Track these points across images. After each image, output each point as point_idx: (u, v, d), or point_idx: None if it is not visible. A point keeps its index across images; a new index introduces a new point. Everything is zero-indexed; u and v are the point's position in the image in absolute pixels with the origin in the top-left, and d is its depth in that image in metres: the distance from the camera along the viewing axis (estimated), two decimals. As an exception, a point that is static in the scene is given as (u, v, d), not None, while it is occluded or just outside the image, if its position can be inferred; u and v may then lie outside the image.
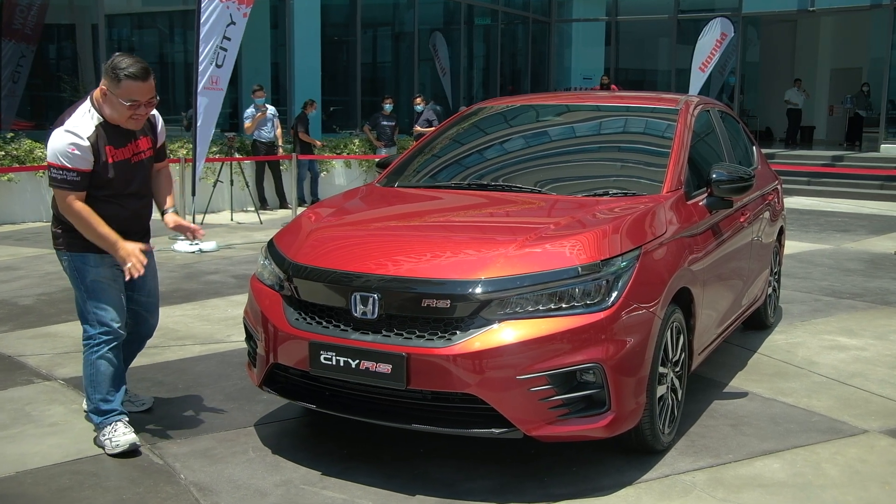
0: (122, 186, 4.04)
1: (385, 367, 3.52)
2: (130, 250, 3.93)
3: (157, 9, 18.23)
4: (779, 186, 6.55)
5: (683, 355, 4.22)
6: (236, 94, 16.70)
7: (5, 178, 11.29)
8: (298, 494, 3.60)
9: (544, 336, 3.44)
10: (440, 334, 3.50)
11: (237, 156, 13.22)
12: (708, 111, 5.40)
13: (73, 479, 3.72)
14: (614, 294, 3.57)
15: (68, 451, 4.03)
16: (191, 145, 10.41)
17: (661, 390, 3.93)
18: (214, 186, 12.48)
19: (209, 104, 10.04)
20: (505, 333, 3.44)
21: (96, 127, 3.92)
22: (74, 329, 4.29)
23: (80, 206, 3.91)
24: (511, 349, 3.42)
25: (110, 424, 4.04)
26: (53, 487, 3.65)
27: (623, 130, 5.11)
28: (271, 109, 13.48)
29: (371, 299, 3.57)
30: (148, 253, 4.16)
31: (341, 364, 3.61)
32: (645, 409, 3.78)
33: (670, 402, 4.07)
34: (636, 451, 3.99)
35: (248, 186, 12.88)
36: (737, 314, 5.30)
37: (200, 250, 9.61)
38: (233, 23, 10.10)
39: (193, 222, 10.28)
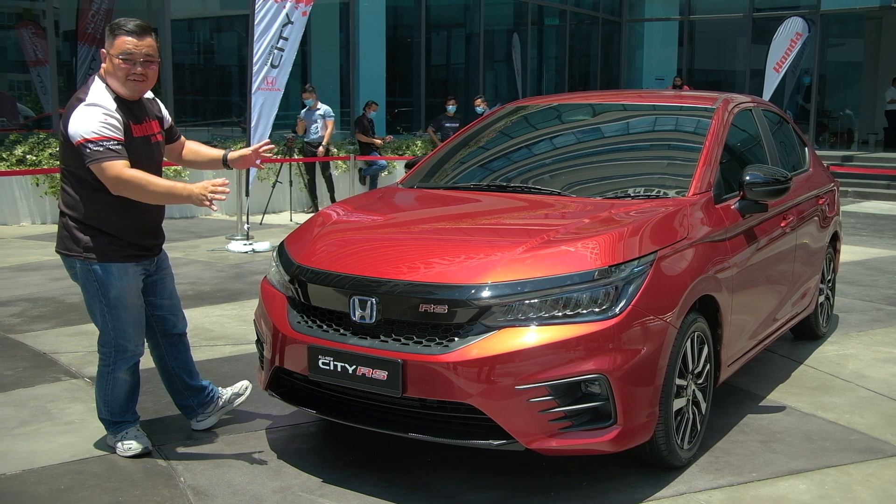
0: (148, 166, 3.81)
1: (381, 374, 3.41)
2: (202, 185, 3.62)
3: (223, 13, 18.50)
4: (835, 189, 6.23)
5: (708, 366, 4.00)
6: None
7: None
8: (294, 502, 3.52)
9: (545, 345, 3.28)
10: (438, 341, 3.38)
11: (296, 156, 13.28)
12: (750, 110, 5.14)
13: (74, 480, 3.71)
14: (622, 301, 3.39)
15: (77, 450, 4.03)
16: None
17: (678, 403, 3.73)
18: (273, 187, 12.56)
19: (264, 104, 10.09)
20: (504, 341, 3.30)
21: (115, 100, 3.71)
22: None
23: (132, 172, 3.63)
24: (509, 358, 3.27)
25: (122, 431, 4.01)
26: (54, 487, 3.64)
27: (654, 131, 4.90)
28: (322, 110, 13.31)
29: (369, 303, 3.47)
30: (163, 256, 4.10)
31: (339, 369, 3.51)
32: (659, 423, 3.58)
33: (691, 415, 3.86)
34: (652, 467, 3.79)
35: (306, 187, 12.94)
36: (779, 324, 5.04)
37: (253, 250, 9.65)
38: (290, 22, 10.10)
39: (248, 222, 10.45)
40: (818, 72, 21.31)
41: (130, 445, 3.95)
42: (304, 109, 13.23)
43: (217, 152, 4.20)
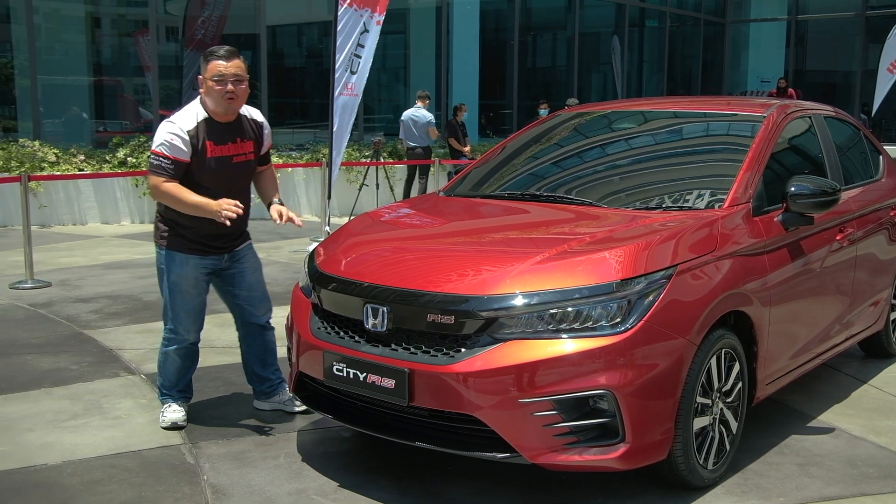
0: (220, 183, 4.20)
1: (389, 382, 3.43)
2: (220, 202, 4.03)
3: (315, 19, 18.90)
4: (912, 199, 5.90)
5: (740, 385, 3.87)
6: (404, 98, 17.12)
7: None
8: (307, 505, 3.59)
9: (550, 359, 3.24)
10: (445, 351, 3.38)
11: (383, 160, 13.45)
12: (808, 118, 4.94)
13: (106, 473, 3.87)
14: (634, 316, 3.32)
15: (117, 444, 4.21)
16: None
17: (701, 422, 3.62)
18: (360, 189, 12.76)
19: (344, 109, 10.28)
20: (508, 353, 3.27)
21: (199, 122, 4.14)
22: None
23: (169, 185, 4.09)
24: (513, 370, 3.24)
25: (166, 403, 4.50)
26: (86, 479, 3.81)
27: (700, 140, 4.76)
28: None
29: (381, 312, 3.50)
30: (247, 248, 4.43)
31: (351, 376, 3.56)
32: (676, 442, 3.48)
33: (717, 435, 3.74)
34: (674, 487, 3.69)
35: (392, 190, 13.09)
36: (837, 340, 4.82)
37: (332, 252, 9.81)
38: (366, 30, 10.29)
39: (329, 224, 10.65)
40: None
41: (164, 418, 4.42)
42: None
43: (270, 194, 4.48)
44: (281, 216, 4.30)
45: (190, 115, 4.16)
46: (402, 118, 13.62)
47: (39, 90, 13.15)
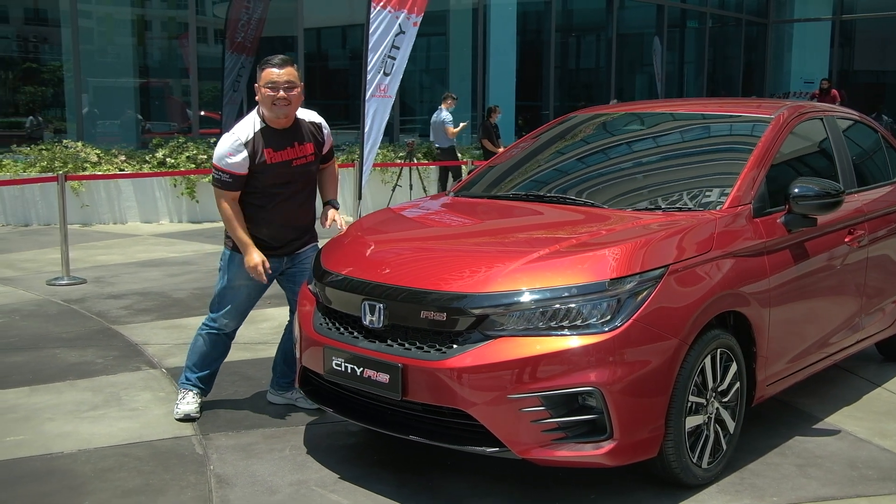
0: (283, 186, 4.41)
1: (384, 377, 3.53)
2: (254, 263, 4.32)
3: (353, 21, 19.08)
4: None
5: (737, 385, 3.90)
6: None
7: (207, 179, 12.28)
8: (306, 496, 3.69)
9: (537, 356, 3.30)
10: (437, 347, 3.46)
11: (416, 161, 13.58)
12: (820, 119, 4.93)
13: (118, 461, 4.02)
14: (622, 315, 3.37)
15: (132, 434, 4.36)
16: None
17: (694, 421, 3.66)
18: (394, 190, 12.90)
19: (377, 111, 10.39)
20: (497, 350, 3.35)
21: (256, 132, 4.33)
22: (199, 322, 4.78)
23: (227, 207, 4.34)
24: (501, 367, 3.32)
25: (184, 390, 4.64)
26: (98, 467, 3.97)
27: (705, 142, 4.78)
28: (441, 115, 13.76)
29: (378, 308, 3.60)
30: (311, 249, 4.62)
31: (348, 371, 3.66)
32: (668, 440, 3.53)
33: (712, 434, 3.77)
34: (668, 484, 3.74)
35: (425, 191, 13.20)
36: (844, 343, 4.80)
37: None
38: (402, 32, 10.38)
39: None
40: None
41: (178, 409, 4.58)
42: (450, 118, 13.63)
43: (328, 193, 4.68)
44: (326, 218, 4.53)
45: (248, 126, 4.34)
46: (431, 120, 13.90)
47: (88, 92, 13.51)
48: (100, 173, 11.54)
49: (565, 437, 3.36)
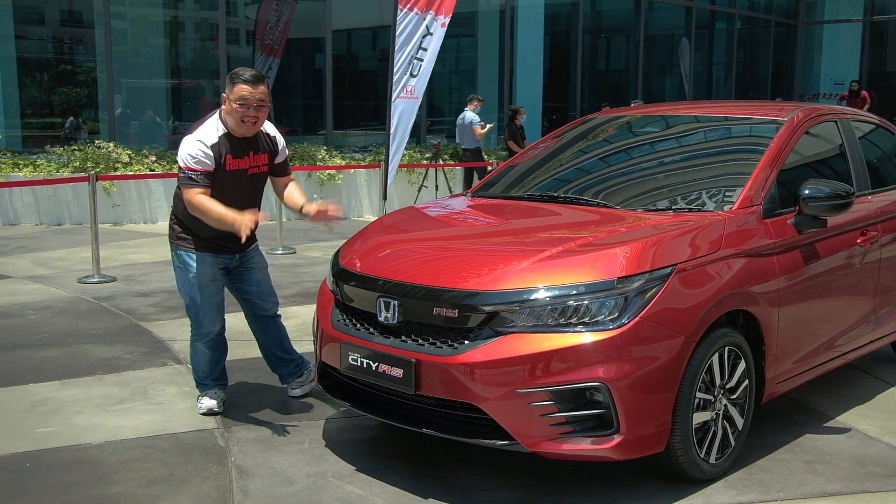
0: (236, 193, 4.48)
1: (398, 372, 3.64)
2: (241, 218, 4.25)
3: (382, 23, 19.24)
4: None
5: (746, 382, 3.96)
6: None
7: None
8: (323, 486, 3.81)
9: (546, 351, 3.40)
10: (450, 343, 3.57)
11: (442, 162, 13.69)
12: (835, 122, 4.97)
13: (142, 453, 4.17)
14: (630, 312, 3.45)
15: (157, 427, 4.51)
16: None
17: (702, 417, 3.73)
18: (420, 191, 13.02)
19: (403, 112, 10.51)
20: (507, 346, 3.45)
21: (220, 136, 4.41)
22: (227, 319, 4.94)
23: (201, 198, 4.34)
24: (511, 362, 3.42)
25: (202, 393, 4.80)
26: (123, 458, 4.11)
27: (717, 143, 4.84)
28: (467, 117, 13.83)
29: (392, 305, 3.71)
30: (255, 249, 4.73)
31: (364, 366, 3.78)
32: (675, 435, 3.61)
33: (720, 430, 3.84)
34: (675, 478, 3.81)
35: (451, 191, 13.31)
36: (858, 343, 4.84)
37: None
38: (429, 33, 10.49)
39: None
40: None
41: (202, 404, 4.72)
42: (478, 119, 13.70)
43: (300, 200, 4.63)
44: (320, 214, 4.47)
45: (211, 130, 4.40)
46: (456, 121, 14.00)
47: (120, 93, 13.74)
48: (130, 173, 11.76)
49: (573, 430, 3.46)
